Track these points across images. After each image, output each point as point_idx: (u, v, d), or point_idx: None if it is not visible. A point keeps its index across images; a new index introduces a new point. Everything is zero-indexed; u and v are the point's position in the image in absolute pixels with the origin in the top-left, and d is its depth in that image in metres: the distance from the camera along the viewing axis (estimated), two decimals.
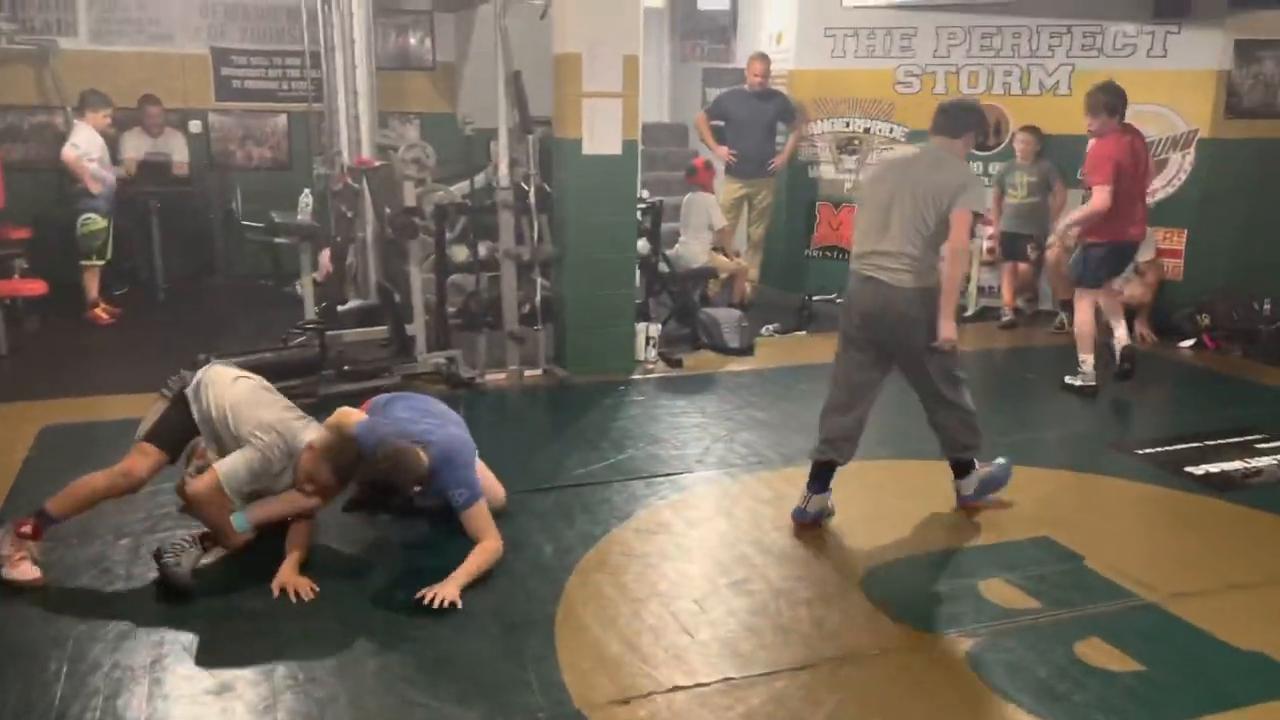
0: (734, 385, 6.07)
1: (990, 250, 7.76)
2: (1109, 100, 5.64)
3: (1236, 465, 4.77)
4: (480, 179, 6.63)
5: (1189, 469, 4.72)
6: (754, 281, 8.19)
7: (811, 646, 3.17)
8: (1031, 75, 7.76)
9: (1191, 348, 7.05)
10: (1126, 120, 5.72)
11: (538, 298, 5.98)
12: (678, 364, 6.37)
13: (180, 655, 3.03)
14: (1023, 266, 7.61)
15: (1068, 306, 7.45)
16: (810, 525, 4.01)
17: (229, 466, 3.41)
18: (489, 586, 3.47)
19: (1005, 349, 7.15)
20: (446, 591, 3.31)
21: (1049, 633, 3.26)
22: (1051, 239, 7.13)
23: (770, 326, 7.36)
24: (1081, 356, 5.89)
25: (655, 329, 6.43)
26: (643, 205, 6.57)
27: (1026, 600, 3.47)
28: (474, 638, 3.16)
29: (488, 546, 3.54)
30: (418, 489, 3.53)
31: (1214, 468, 4.73)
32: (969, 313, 7.79)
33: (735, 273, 7.52)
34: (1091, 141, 5.89)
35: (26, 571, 3.39)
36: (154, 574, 3.40)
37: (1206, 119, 7.29)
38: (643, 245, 6.55)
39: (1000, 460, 4.33)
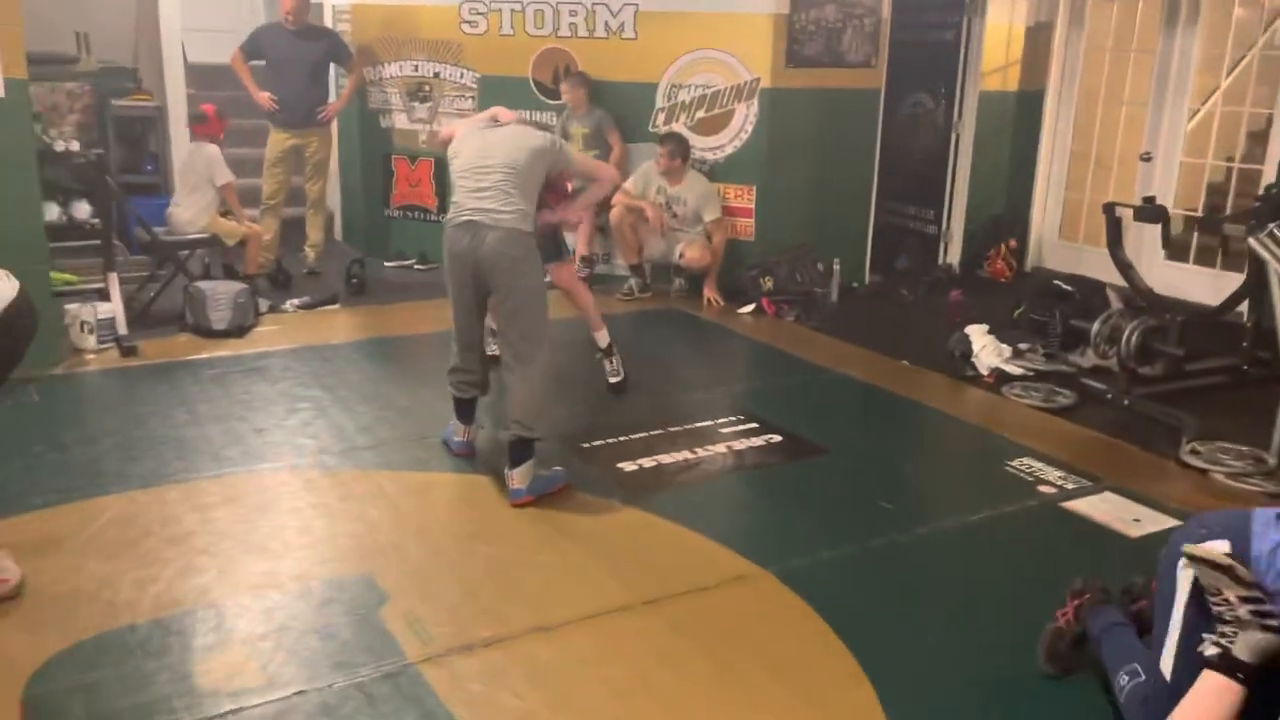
0: (184, 378, 5.06)
1: None
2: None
3: (681, 456, 4.22)
4: None
5: (621, 464, 4.12)
6: (271, 248, 6.91)
7: None
8: (597, 16, 7.06)
9: (751, 313, 6.61)
10: None
11: None
12: (131, 352, 5.31)
13: None
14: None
15: (637, 270, 6.95)
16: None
17: None
18: None
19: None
20: None
21: None
22: (616, 197, 6.56)
23: (294, 301, 6.39)
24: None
25: (104, 308, 5.33)
26: (75, 159, 5.40)
27: (251, 679, 2.69)
28: None
29: None
30: None
31: (651, 461, 4.16)
32: None
33: (248, 237, 6.44)
34: None
35: None
36: None
37: (767, 67, 6.81)
38: (85, 209, 5.41)
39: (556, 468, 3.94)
